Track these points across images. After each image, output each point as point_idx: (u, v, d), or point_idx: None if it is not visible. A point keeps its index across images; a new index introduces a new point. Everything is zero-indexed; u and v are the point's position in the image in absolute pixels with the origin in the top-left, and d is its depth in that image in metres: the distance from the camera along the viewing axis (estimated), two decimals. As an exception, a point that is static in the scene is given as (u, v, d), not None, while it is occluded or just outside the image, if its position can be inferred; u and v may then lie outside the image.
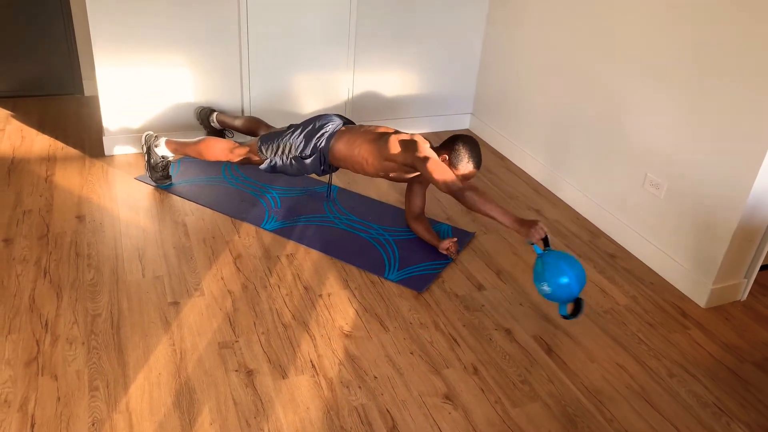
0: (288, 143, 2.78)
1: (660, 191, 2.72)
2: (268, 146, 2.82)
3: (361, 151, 2.67)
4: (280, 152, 2.80)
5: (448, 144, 2.59)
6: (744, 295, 2.64)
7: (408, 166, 2.58)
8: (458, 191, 2.37)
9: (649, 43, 2.69)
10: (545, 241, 2.28)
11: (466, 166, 2.55)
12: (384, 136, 2.66)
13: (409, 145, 2.56)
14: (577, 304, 2.24)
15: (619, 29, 2.84)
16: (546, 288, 2.20)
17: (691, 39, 2.49)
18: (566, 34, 3.19)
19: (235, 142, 2.96)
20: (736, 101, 2.33)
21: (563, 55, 3.23)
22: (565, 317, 2.26)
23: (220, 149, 2.91)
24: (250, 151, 2.87)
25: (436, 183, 2.43)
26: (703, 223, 2.54)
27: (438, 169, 2.43)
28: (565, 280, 2.17)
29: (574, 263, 2.21)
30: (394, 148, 2.59)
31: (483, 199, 2.34)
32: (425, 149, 2.52)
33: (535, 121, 3.51)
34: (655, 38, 2.66)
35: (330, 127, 2.76)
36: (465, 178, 2.57)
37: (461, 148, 2.55)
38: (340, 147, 2.72)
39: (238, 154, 2.89)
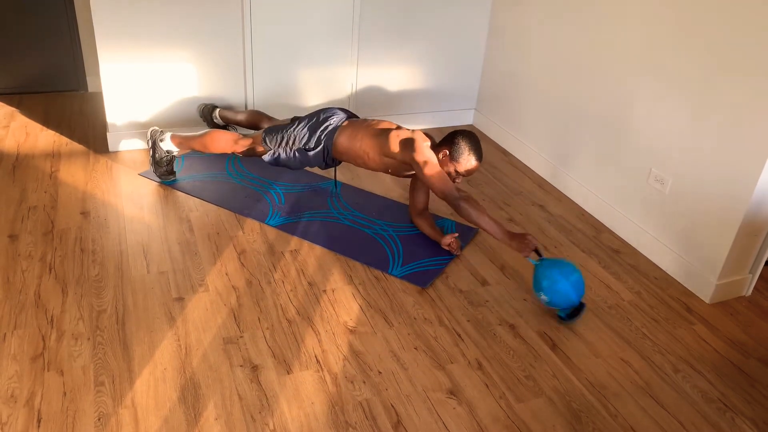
0: (292, 135, 2.79)
1: (665, 186, 2.71)
2: (273, 138, 2.82)
3: (362, 145, 2.68)
4: (284, 144, 2.80)
5: (449, 139, 2.59)
6: (749, 291, 2.64)
7: (406, 164, 2.59)
8: (454, 201, 2.46)
9: (655, 39, 2.68)
10: (537, 252, 2.40)
11: (467, 160, 2.55)
12: (385, 132, 2.66)
13: (408, 144, 2.57)
14: (579, 308, 2.33)
15: (625, 24, 2.83)
16: (544, 297, 2.31)
17: (697, 35, 2.48)
18: (571, 29, 3.18)
19: (240, 134, 2.97)
20: (742, 97, 2.32)
21: (567, 50, 3.22)
22: (562, 319, 2.35)
23: (225, 141, 2.92)
24: (254, 143, 2.88)
25: (433, 189, 2.50)
26: (707, 218, 2.53)
27: (436, 175, 2.49)
28: (560, 287, 2.27)
29: (569, 272, 2.29)
30: (394, 145, 2.60)
31: (477, 211, 2.43)
32: (424, 151, 2.53)
33: (539, 117, 3.50)
34: (660, 34, 2.65)
35: (334, 120, 2.77)
36: (467, 172, 2.57)
37: (462, 142, 2.55)
38: (343, 141, 2.73)
39: (242, 146, 2.90)
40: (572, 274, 2.28)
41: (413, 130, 2.67)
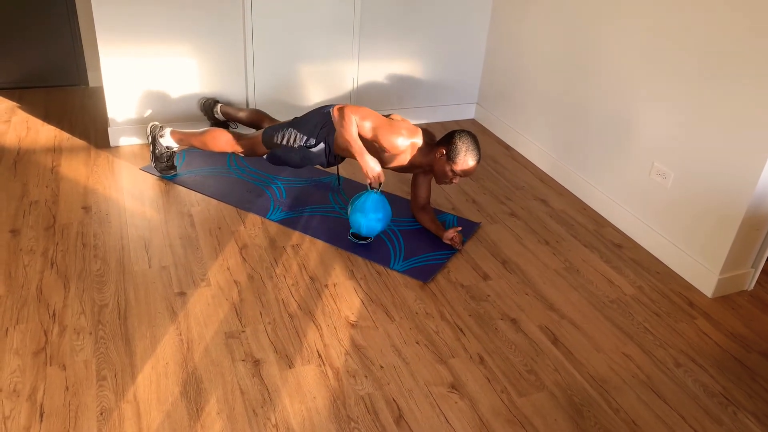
0: (293, 133, 2.78)
1: (667, 180, 2.70)
2: (273, 137, 2.81)
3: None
4: (285, 143, 2.79)
5: (446, 139, 2.58)
6: (751, 285, 2.63)
7: (372, 140, 2.61)
8: (337, 114, 2.61)
9: (658, 33, 2.67)
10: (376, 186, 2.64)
11: (463, 160, 2.54)
12: (377, 121, 2.64)
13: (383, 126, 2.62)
14: (364, 237, 2.68)
15: (628, 18, 2.82)
16: (360, 219, 2.59)
17: (700, 31, 2.47)
18: (573, 23, 3.16)
19: (240, 133, 2.96)
20: (745, 92, 2.31)
21: (569, 44, 3.20)
22: (354, 236, 2.68)
23: (225, 140, 2.91)
24: (255, 142, 2.87)
25: (333, 118, 2.65)
26: (710, 212, 2.53)
27: (339, 110, 2.61)
28: (360, 219, 2.59)
29: (385, 212, 2.61)
30: (374, 131, 2.61)
31: (345, 125, 2.57)
32: (362, 111, 2.61)
33: (541, 111, 3.49)
34: (663, 28, 2.64)
35: (334, 117, 2.77)
36: (464, 173, 2.56)
37: (458, 142, 2.53)
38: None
39: (243, 146, 2.89)
40: (377, 213, 2.58)
41: (406, 122, 2.66)
